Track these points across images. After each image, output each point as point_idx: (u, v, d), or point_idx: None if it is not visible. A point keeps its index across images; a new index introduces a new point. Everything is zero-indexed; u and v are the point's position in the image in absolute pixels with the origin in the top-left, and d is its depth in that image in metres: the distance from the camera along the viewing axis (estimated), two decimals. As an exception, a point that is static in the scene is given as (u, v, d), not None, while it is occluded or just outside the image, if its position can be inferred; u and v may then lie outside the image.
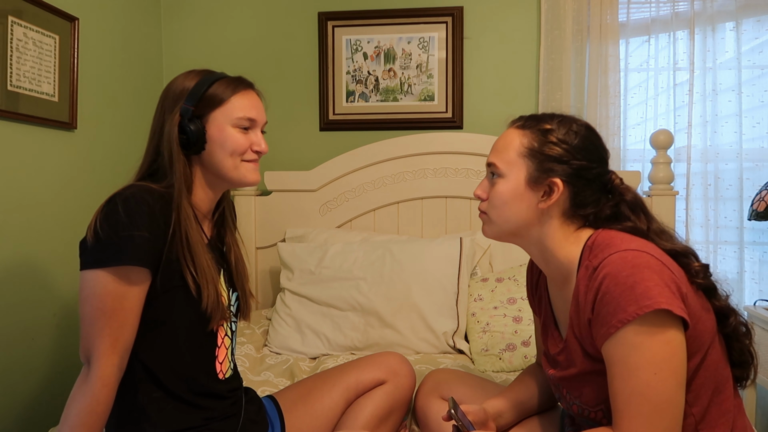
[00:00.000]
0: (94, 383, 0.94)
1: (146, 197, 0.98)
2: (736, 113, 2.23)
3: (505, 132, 1.05)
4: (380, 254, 1.97)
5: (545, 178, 0.99)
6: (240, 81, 1.10)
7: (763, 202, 1.91)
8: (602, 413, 0.98)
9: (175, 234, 1.00)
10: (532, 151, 0.99)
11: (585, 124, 1.03)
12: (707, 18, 2.23)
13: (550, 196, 0.99)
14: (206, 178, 1.09)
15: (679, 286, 0.88)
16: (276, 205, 2.31)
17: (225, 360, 1.14)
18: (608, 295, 0.88)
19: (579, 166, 0.98)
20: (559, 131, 1.00)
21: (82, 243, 0.98)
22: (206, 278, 1.03)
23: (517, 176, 1.00)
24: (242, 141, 1.07)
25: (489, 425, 1.14)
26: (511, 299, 1.87)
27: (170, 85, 1.08)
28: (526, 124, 1.03)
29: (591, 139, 1.02)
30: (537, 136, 1.00)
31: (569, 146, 0.99)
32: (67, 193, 1.84)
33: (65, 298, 1.82)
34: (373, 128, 2.42)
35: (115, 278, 0.95)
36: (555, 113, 1.04)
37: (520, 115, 1.07)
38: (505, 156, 1.01)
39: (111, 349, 0.95)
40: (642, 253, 0.89)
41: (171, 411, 1.05)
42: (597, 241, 0.97)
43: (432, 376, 1.37)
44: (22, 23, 1.62)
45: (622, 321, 0.86)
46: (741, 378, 1.01)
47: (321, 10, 2.42)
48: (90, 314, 0.95)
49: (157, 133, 1.07)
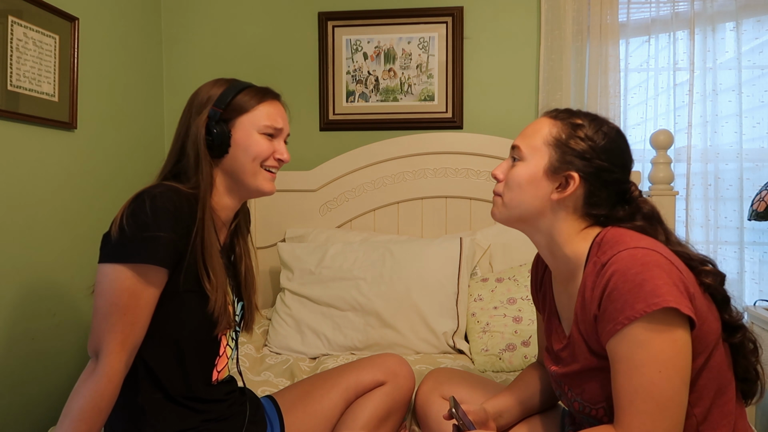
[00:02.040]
0: (100, 378, 0.94)
1: (173, 197, 0.98)
2: (736, 113, 2.23)
3: (537, 119, 1.06)
4: (380, 254, 1.97)
5: (564, 169, 0.99)
6: (267, 91, 1.12)
7: (763, 202, 1.91)
8: (603, 410, 0.98)
9: (197, 234, 1.01)
10: (559, 141, 1.00)
11: (616, 128, 1.04)
12: (707, 18, 2.23)
13: (565, 189, 0.99)
14: (226, 184, 1.10)
15: (687, 286, 0.88)
16: (276, 205, 2.31)
17: (224, 369, 1.15)
18: (616, 292, 0.88)
19: (599, 166, 0.99)
20: (589, 128, 1.01)
21: (105, 236, 0.98)
22: (217, 282, 1.04)
23: (538, 163, 1.01)
24: (266, 147, 1.08)
25: (489, 425, 1.14)
26: (511, 299, 1.87)
27: (198, 92, 1.10)
28: (559, 115, 1.04)
29: (618, 143, 1.02)
30: (567, 128, 1.01)
31: (595, 145, 0.99)
32: (67, 193, 1.84)
33: (65, 298, 1.82)
34: (373, 128, 2.42)
35: (134, 275, 0.95)
36: (590, 112, 1.05)
37: (556, 107, 1.08)
38: (532, 141, 1.02)
39: (121, 346, 0.95)
40: (651, 251, 0.90)
41: (169, 413, 1.05)
42: (606, 237, 0.97)
43: (432, 375, 1.37)
44: (22, 23, 1.62)
45: (630, 318, 0.86)
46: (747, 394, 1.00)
47: (321, 10, 2.42)
48: (104, 308, 0.96)
49: (183, 134, 1.08)
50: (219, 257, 1.06)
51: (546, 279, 1.17)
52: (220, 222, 1.12)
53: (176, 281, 1.00)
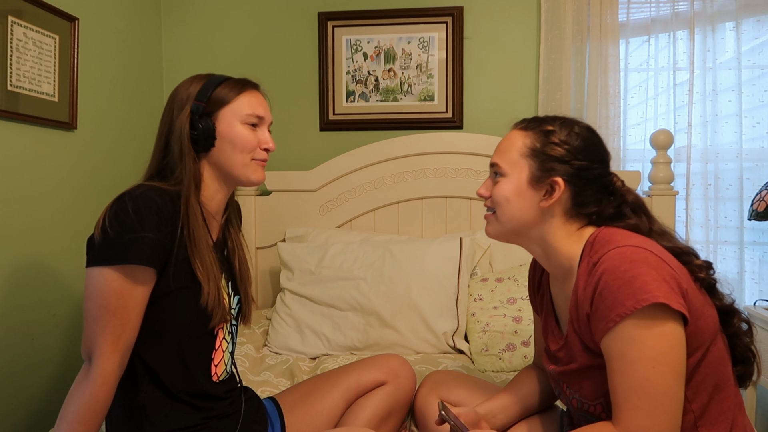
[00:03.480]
0: (94, 380, 0.94)
1: (155, 197, 0.99)
2: (736, 113, 2.23)
3: (509, 134, 1.08)
4: (380, 254, 1.97)
5: (547, 177, 1.00)
6: (246, 82, 1.13)
7: (763, 202, 1.91)
8: (601, 407, 0.99)
9: (183, 229, 1.01)
10: (535, 151, 1.02)
11: (586, 126, 1.06)
12: (707, 18, 2.24)
13: (551, 195, 1.01)
14: (214, 176, 1.11)
15: (679, 282, 0.89)
16: (276, 205, 2.31)
17: (221, 363, 1.15)
18: (606, 290, 0.89)
19: (580, 166, 1.00)
20: (561, 133, 1.02)
21: (89, 240, 0.99)
22: (209, 275, 1.04)
23: (519, 176, 1.02)
24: (251, 138, 1.10)
25: (481, 425, 1.14)
26: (511, 299, 1.87)
27: (176, 90, 1.11)
28: (529, 125, 1.05)
29: (592, 140, 1.04)
30: (539, 137, 1.02)
31: (571, 147, 1.01)
32: (67, 193, 1.84)
33: (65, 298, 1.82)
34: (373, 128, 2.42)
35: (121, 276, 0.96)
36: (557, 116, 1.07)
37: (523, 118, 1.09)
38: (508, 156, 1.04)
39: (113, 347, 0.96)
40: (640, 249, 0.90)
41: (170, 411, 1.05)
42: (598, 237, 0.98)
43: (431, 377, 1.37)
44: (22, 23, 1.62)
45: (620, 315, 0.87)
46: (744, 377, 1.01)
47: (321, 10, 2.42)
48: (93, 311, 0.96)
49: (165, 132, 1.09)
50: (209, 250, 1.07)
51: (544, 280, 1.18)
52: (209, 215, 1.13)
53: (167, 279, 1.01)
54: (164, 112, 1.11)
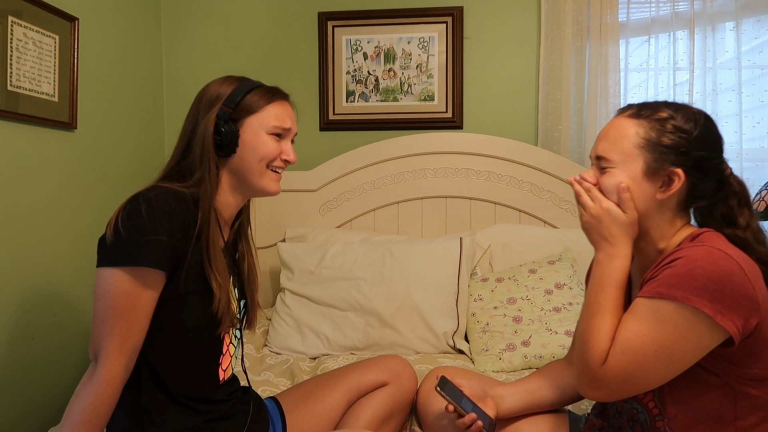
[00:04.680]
0: (99, 381, 0.94)
1: (169, 200, 0.98)
2: (736, 113, 2.23)
3: (615, 121, 1.00)
4: (380, 254, 1.97)
5: (664, 168, 0.95)
6: (277, 91, 1.12)
7: (763, 202, 1.91)
8: (651, 395, 0.98)
9: (201, 233, 1.01)
10: (650, 141, 0.95)
11: (703, 112, 0.99)
12: (707, 18, 2.23)
13: (669, 186, 0.95)
14: (231, 183, 1.10)
15: (759, 303, 0.85)
16: (276, 205, 2.31)
17: (228, 368, 1.15)
18: (673, 268, 0.88)
19: (699, 157, 0.95)
20: (677, 120, 0.96)
21: (101, 240, 0.98)
22: (220, 281, 1.04)
23: (633, 167, 0.96)
24: (274, 147, 1.08)
25: (487, 401, 1.13)
26: (511, 299, 1.87)
27: (206, 89, 1.09)
28: (640, 113, 0.98)
29: (710, 128, 0.98)
30: (654, 126, 0.96)
31: (689, 136, 0.95)
32: (67, 193, 1.84)
33: (65, 298, 1.82)
34: (373, 128, 2.42)
35: (131, 278, 0.95)
36: (667, 101, 1.00)
37: (629, 104, 1.02)
38: (621, 146, 0.97)
39: (119, 349, 0.95)
40: (732, 259, 0.86)
41: (173, 413, 1.05)
42: (702, 236, 0.94)
43: (434, 373, 1.37)
44: (22, 23, 1.62)
45: (662, 295, 0.87)
46: None
47: (321, 10, 2.42)
48: (102, 312, 0.96)
49: (189, 133, 1.08)
50: (222, 255, 1.06)
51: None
52: (223, 220, 1.12)
53: (177, 283, 1.00)
54: (190, 110, 1.10)
